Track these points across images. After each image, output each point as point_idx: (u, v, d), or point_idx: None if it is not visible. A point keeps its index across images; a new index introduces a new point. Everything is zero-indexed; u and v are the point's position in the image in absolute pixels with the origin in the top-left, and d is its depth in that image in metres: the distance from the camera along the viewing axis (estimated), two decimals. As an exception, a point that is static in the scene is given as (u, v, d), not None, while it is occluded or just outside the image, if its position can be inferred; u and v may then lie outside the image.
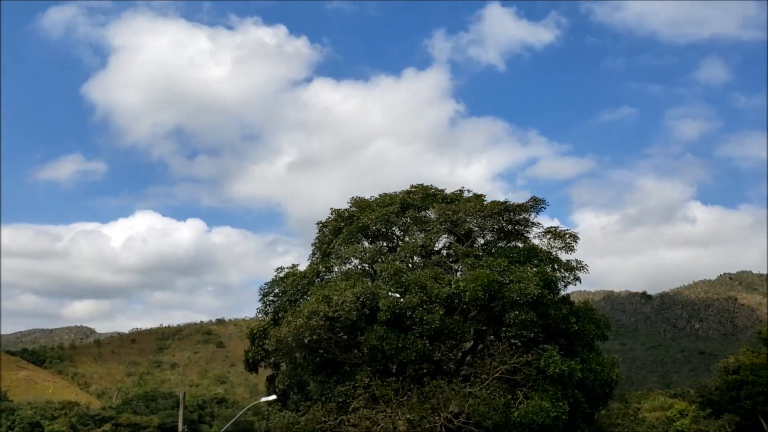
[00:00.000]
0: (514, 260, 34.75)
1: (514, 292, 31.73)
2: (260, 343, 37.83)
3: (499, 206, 37.40)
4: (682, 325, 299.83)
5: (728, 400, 64.71)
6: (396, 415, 31.63)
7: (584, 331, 34.74)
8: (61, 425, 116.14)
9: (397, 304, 32.25)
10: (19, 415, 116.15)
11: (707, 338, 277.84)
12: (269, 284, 39.46)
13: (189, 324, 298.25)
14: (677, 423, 73.71)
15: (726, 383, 65.10)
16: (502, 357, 32.96)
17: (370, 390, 32.60)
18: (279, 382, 38.35)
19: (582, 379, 32.14)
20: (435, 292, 32.35)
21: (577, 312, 35.13)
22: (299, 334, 32.40)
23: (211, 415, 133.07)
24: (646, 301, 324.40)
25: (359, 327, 33.61)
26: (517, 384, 32.47)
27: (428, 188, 40.48)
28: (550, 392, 31.02)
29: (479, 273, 32.21)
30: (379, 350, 32.13)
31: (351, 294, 32.27)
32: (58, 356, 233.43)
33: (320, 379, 35.43)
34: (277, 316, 37.66)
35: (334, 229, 39.73)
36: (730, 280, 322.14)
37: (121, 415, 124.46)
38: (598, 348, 36.29)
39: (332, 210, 40.51)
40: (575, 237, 37.13)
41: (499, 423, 30.43)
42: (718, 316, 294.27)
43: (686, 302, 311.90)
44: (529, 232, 38.58)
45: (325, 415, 33.02)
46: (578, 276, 36.82)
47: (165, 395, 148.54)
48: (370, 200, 40.10)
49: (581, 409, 32.73)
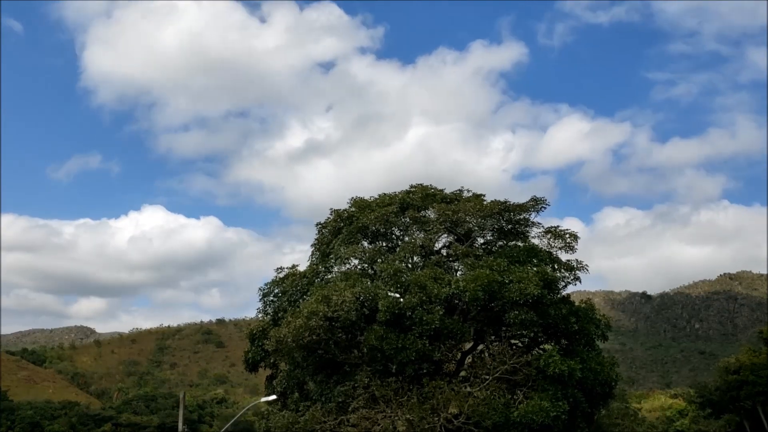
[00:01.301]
0: (514, 260, 34.66)
1: (514, 292, 31.62)
2: (260, 344, 37.79)
3: (499, 206, 37.33)
4: (682, 325, 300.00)
5: (728, 400, 64.72)
6: (395, 416, 31.59)
7: (584, 331, 34.64)
8: (61, 425, 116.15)
9: (397, 304, 32.15)
10: (19, 415, 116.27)
11: (707, 338, 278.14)
12: (269, 284, 39.52)
13: (189, 324, 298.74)
14: (677, 423, 73.79)
15: (726, 383, 65.14)
16: (501, 357, 32.91)
17: (370, 390, 32.56)
18: (278, 382, 38.32)
19: (582, 379, 32.05)
20: (435, 292, 32.26)
21: (577, 312, 35.02)
22: (299, 334, 32.33)
23: (211, 415, 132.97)
24: (646, 301, 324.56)
25: (359, 327, 33.55)
26: (517, 384, 32.39)
27: (428, 188, 40.42)
28: (550, 392, 30.94)
29: (479, 273, 32.12)
30: (379, 350, 32.06)
31: (350, 294, 32.21)
32: (58, 356, 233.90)
33: (320, 380, 35.40)
34: (277, 317, 37.62)
35: (334, 230, 39.71)
36: (730, 280, 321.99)
37: (121, 415, 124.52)
38: (598, 348, 36.24)
39: (331, 210, 40.50)
40: (575, 237, 37.09)
41: (498, 423, 30.36)
42: (718, 316, 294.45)
43: (686, 302, 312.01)
44: (529, 232, 38.51)
45: (324, 415, 33.00)
46: (578, 276, 36.72)
47: (165, 395, 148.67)
48: (370, 200, 40.06)
49: (581, 408, 32.65)
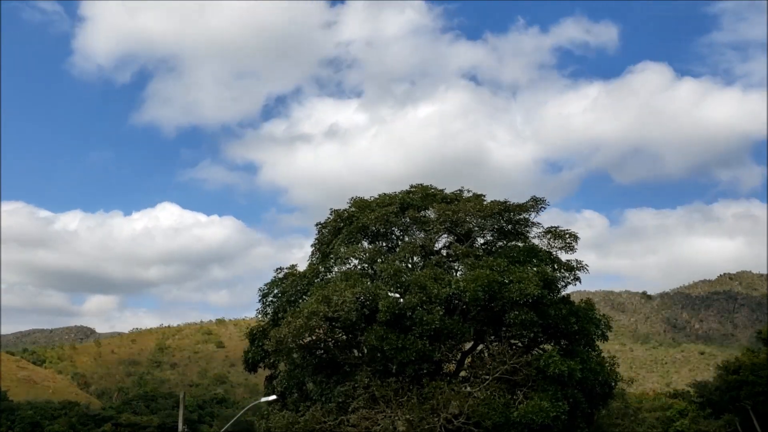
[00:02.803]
0: (514, 260, 34.66)
1: (514, 292, 31.62)
2: (260, 344, 37.80)
3: (499, 206, 37.33)
4: (682, 325, 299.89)
5: (728, 400, 64.65)
6: (395, 416, 31.58)
7: (584, 331, 34.64)
8: (61, 425, 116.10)
9: (397, 304, 32.14)
10: (19, 415, 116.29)
11: (707, 338, 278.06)
12: (269, 285, 39.50)
13: (189, 324, 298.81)
14: (677, 423, 73.68)
15: (726, 383, 65.06)
16: (501, 357, 32.87)
17: (370, 390, 32.53)
18: (278, 382, 38.32)
19: (582, 379, 32.04)
20: (435, 292, 32.24)
21: (577, 312, 35.00)
22: (299, 334, 32.33)
23: (211, 415, 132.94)
24: (646, 301, 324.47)
25: (359, 327, 33.53)
26: (517, 384, 32.35)
27: (428, 188, 40.43)
28: (550, 392, 30.92)
29: (479, 273, 32.12)
30: (379, 350, 32.05)
31: (350, 294, 32.19)
32: (58, 356, 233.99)
33: (320, 380, 35.39)
34: (277, 317, 37.60)
35: (334, 230, 39.70)
36: (730, 280, 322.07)
37: (121, 415, 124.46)
38: (598, 348, 36.24)
39: (331, 210, 40.51)
40: (575, 237, 37.09)
41: (498, 423, 30.33)
42: (718, 316, 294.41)
43: (686, 302, 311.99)
44: (529, 232, 38.51)
45: (324, 415, 32.98)
46: (578, 276, 36.75)
47: (165, 395, 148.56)
48: (370, 200, 40.06)
49: (581, 409, 32.64)
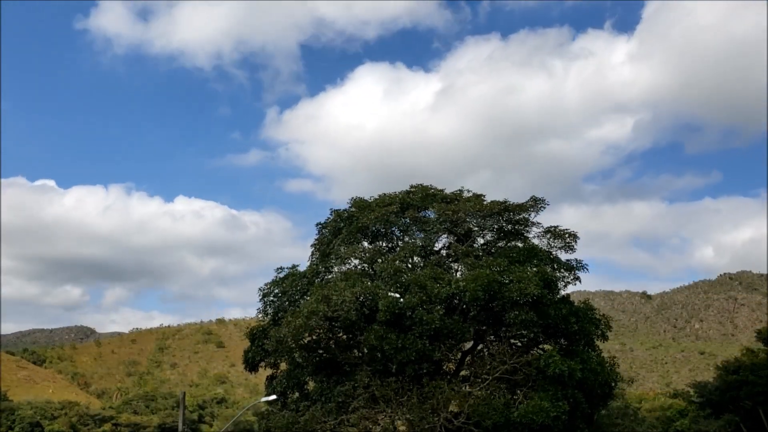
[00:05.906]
0: (514, 260, 34.68)
1: (514, 292, 31.64)
2: (260, 344, 37.83)
3: (499, 206, 37.36)
4: (682, 325, 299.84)
5: (728, 400, 64.58)
6: (396, 415, 31.62)
7: (584, 331, 34.65)
8: (61, 425, 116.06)
9: (397, 304, 32.13)
10: (19, 415, 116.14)
11: (707, 338, 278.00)
12: (269, 285, 39.48)
13: (189, 324, 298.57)
14: (677, 423, 73.64)
15: (726, 383, 64.98)
16: (501, 357, 32.89)
17: (370, 390, 32.56)
18: (278, 382, 38.33)
19: (582, 379, 32.03)
20: (435, 292, 32.25)
21: (577, 312, 35.03)
22: (299, 334, 32.37)
23: (211, 415, 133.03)
24: (646, 301, 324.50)
25: (359, 327, 33.54)
26: (517, 384, 32.38)
27: (428, 188, 40.44)
28: (550, 392, 30.92)
29: (479, 273, 32.14)
30: (379, 350, 32.06)
31: (350, 294, 32.22)
32: (58, 356, 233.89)
33: (320, 379, 35.41)
34: (277, 317, 37.65)
35: (334, 230, 39.74)
36: (730, 280, 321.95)
37: (121, 415, 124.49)
38: (598, 348, 36.26)
39: (331, 210, 40.64)
40: (575, 236, 37.13)
41: (498, 423, 30.34)
42: (718, 316, 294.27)
43: (686, 302, 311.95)
44: (529, 232, 38.55)
45: (324, 415, 32.98)
46: (578, 276, 36.81)
47: (165, 395, 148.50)
48: (370, 200, 40.11)
49: (581, 409, 32.63)
